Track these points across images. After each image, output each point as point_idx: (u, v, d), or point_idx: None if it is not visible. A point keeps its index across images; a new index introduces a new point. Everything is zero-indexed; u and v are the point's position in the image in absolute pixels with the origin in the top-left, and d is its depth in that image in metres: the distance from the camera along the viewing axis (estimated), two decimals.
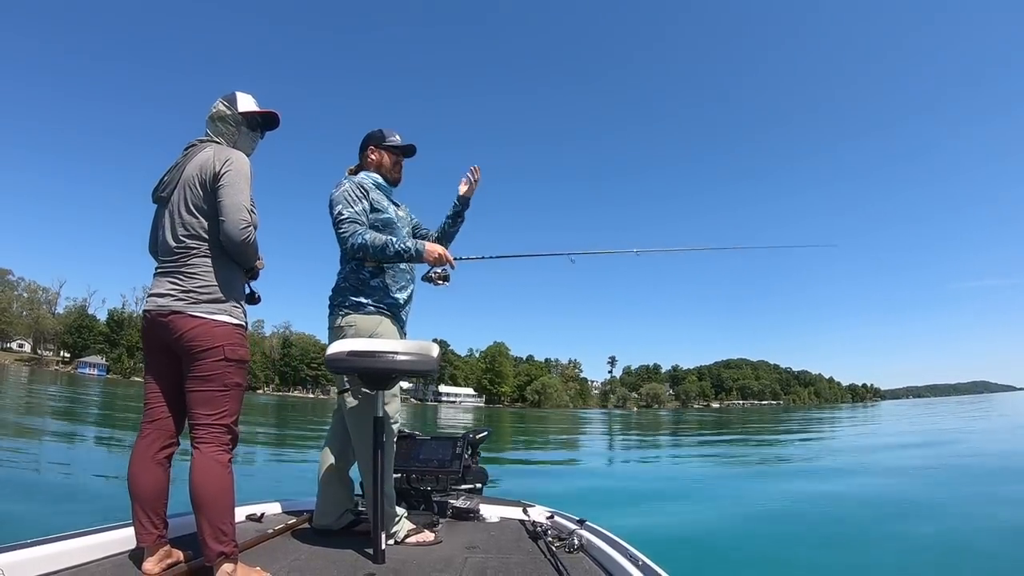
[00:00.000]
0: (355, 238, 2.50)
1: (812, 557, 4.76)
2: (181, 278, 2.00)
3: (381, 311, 2.60)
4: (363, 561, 2.15)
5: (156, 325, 1.99)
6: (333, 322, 2.61)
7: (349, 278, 2.62)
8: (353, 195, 2.60)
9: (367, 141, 2.85)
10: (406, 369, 2.26)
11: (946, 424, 25.19)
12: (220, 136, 2.18)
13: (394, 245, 2.52)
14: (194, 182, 2.04)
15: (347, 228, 2.52)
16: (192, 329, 1.95)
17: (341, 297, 2.62)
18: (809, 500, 7.27)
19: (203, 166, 2.04)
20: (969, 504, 6.63)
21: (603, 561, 2.11)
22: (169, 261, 2.04)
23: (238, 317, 2.06)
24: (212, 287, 2.01)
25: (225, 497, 1.89)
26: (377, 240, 2.51)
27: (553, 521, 2.74)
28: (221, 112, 2.19)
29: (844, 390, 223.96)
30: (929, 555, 4.71)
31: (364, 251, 2.51)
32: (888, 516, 6.15)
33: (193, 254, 2.02)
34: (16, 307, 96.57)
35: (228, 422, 1.98)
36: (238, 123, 2.21)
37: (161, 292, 2.00)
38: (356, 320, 2.55)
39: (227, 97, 2.21)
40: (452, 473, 3.06)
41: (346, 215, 2.54)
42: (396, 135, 2.86)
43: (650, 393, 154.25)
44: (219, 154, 2.06)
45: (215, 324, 1.98)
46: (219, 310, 2.00)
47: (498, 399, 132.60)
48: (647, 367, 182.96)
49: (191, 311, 1.96)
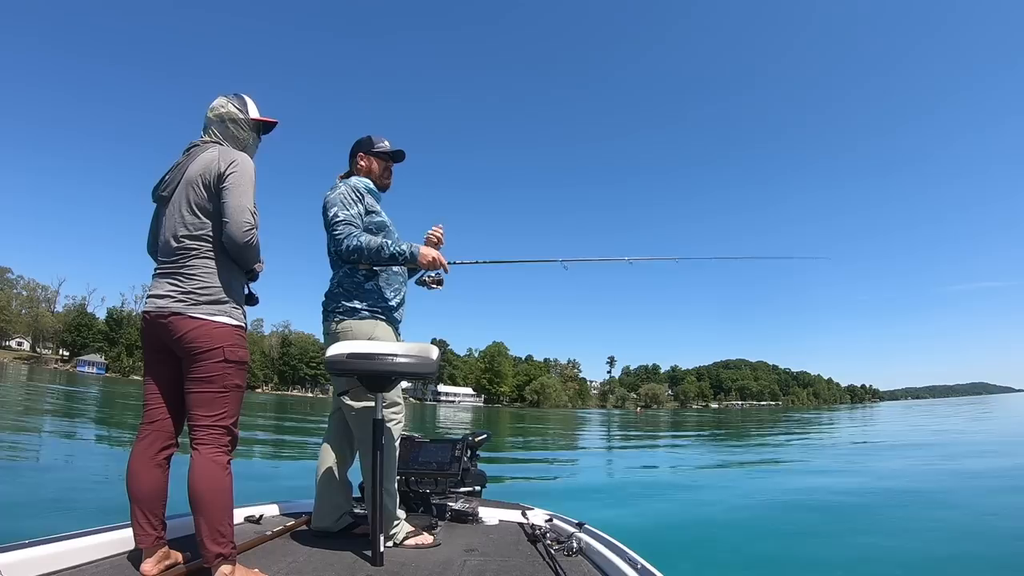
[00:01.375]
0: (350, 240, 2.49)
1: (814, 559, 4.76)
2: (181, 279, 1.99)
3: (376, 315, 2.60)
4: (361, 563, 2.15)
5: (156, 326, 1.98)
6: (328, 327, 2.60)
7: (343, 282, 2.61)
8: (349, 198, 2.60)
9: (356, 147, 2.86)
10: (406, 371, 2.26)
11: (945, 426, 25.20)
12: (227, 138, 2.17)
13: (389, 248, 2.51)
14: (197, 182, 2.02)
15: (342, 230, 2.51)
16: (192, 330, 1.94)
17: (335, 302, 2.60)
18: (811, 503, 7.25)
19: (207, 167, 2.03)
20: (963, 505, 6.64)
21: (602, 564, 2.11)
22: (169, 262, 2.03)
23: (238, 318, 2.06)
24: (212, 288, 2.01)
25: (224, 498, 1.89)
26: (372, 243, 2.50)
27: (552, 524, 2.75)
28: (233, 115, 2.18)
29: (843, 391, 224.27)
30: (926, 554, 4.71)
31: (359, 253, 2.50)
32: (889, 516, 6.15)
33: (194, 255, 2.01)
34: (15, 305, 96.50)
35: (228, 423, 1.98)
36: (250, 128, 2.22)
37: (160, 293, 1.99)
38: (351, 325, 2.54)
39: (237, 100, 2.21)
40: (451, 476, 3.07)
41: (341, 217, 2.53)
42: (385, 141, 2.86)
43: (649, 393, 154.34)
44: (224, 155, 2.05)
45: (215, 326, 1.98)
46: (219, 311, 2.00)
47: (497, 399, 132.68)
48: (646, 367, 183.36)
49: (191, 312, 1.95)
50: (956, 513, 6.30)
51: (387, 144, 2.86)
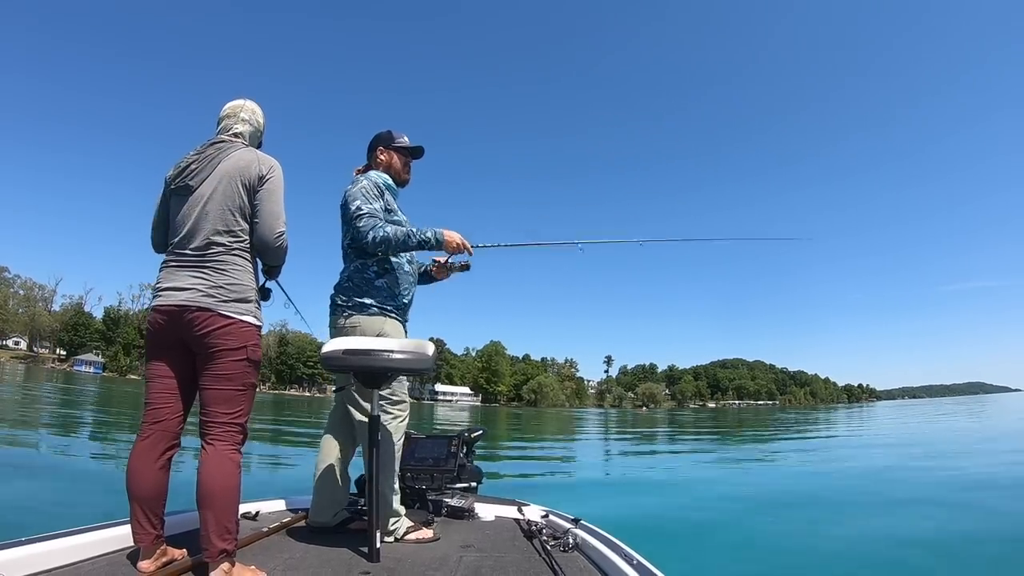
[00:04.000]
0: (376, 231, 2.48)
1: (810, 554, 4.77)
2: (209, 273, 1.98)
3: (385, 312, 2.60)
4: (358, 559, 2.16)
5: (175, 320, 1.96)
6: (336, 322, 2.59)
7: (353, 277, 2.61)
8: (372, 192, 2.61)
9: (376, 142, 2.85)
10: (401, 367, 2.27)
11: (942, 426, 25.27)
12: (252, 143, 2.23)
13: (416, 235, 2.52)
14: (236, 181, 2.04)
15: (367, 222, 2.51)
16: (221, 328, 1.95)
17: (345, 297, 2.60)
18: (807, 498, 7.29)
19: (247, 167, 2.06)
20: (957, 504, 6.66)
21: (598, 560, 2.13)
22: (195, 255, 2.00)
23: (260, 319, 2.09)
24: (241, 287, 2.02)
25: (234, 495, 1.90)
26: (399, 232, 2.50)
27: (548, 520, 2.76)
28: (263, 125, 2.30)
29: (840, 390, 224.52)
30: (926, 555, 4.73)
31: (386, 243, 2.49)
32: (891, 518, 6.16)
33: (225, 251, 2.02)
34: (12, 304, 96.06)
35: (242, 421, 2.00)
36: (260, 143, 2.32)
37: (182, 286, 1.96)
38: (361, 321, 2.54)
39: (262, 112, 2.31)
40: (447, 472, 3.08)
41: (365, 210, 2.53)
42: (404, 136, 2.87)
43: (646, 393, 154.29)
44: (263, 159, 2.12)
45: (243, 325, 2.00)
46: (247, 311, 2.02)
47: (494, 398, 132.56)
48: (643, 367, 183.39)
49: (221, 310, 1.96)
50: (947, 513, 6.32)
51: (407, 140, 2.86)
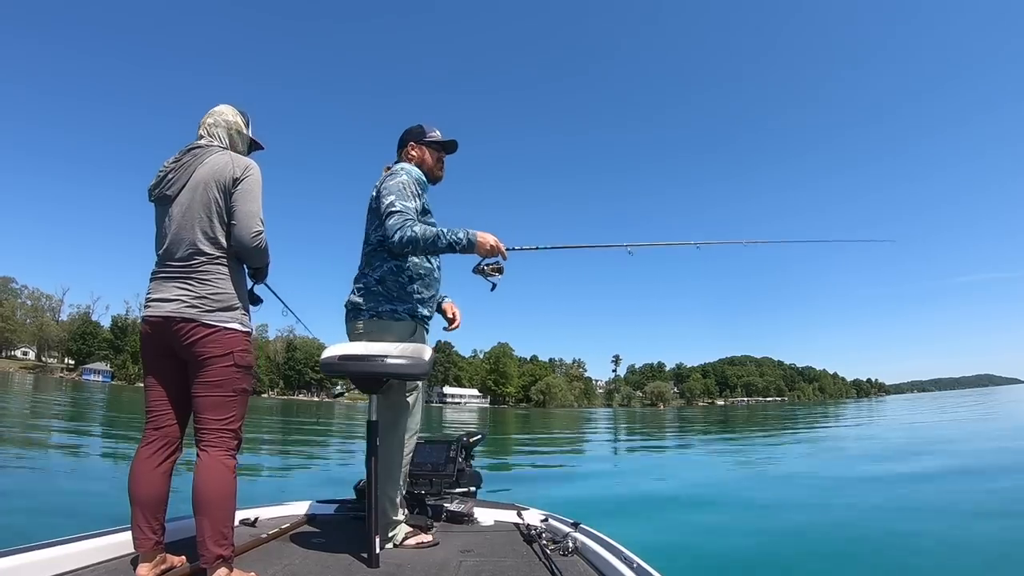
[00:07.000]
0: (405, 230, 2.35)
1: (810, 557, 4.71)
2: (193, 283, 1.99)
3: (416, 319, 2.53)
4: (357, 565, 2.15)
5: (162, 331, 1.98)
6: (359, 327, 2.48)
7: (386, 280, 2.50)
8: (409, 190, 2.48)
9: (407, 136, 2.74)
10: (397, 372, 2.26)
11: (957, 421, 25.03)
12: (229, 147, 2.21)
13: (446, 236, 2.37)
14: (211, 186, 2.03)
15: (397, 220, 2.37)
16: (205, 336, 1.96)
17: (373, 301, 2.49)
18: (813, 504, 7.11)
19: (221, 171, 2.05)
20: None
21: (598, 564, 2.12)
22: (178, 265, 2.02)
23: (247, 325, 2.09)
24: (225, 295, 2.02)
25: (229, 501, 1.91)
26: (428, 232, 2.36)
27: (547, 524, 2.75)
28: (240, 127, 2.25)
29: (849, 385, 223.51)
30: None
31: (414, 245, 2.37)
32: (895, 523, 6.07)
33: (206, 260, 2.02)
34: (20, 315, 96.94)
35: (235, 427, 2.01)
36: (244, 144, 2.29)
37: (167, 297, 1.98)
38: (390, 326, 2.46)
39: (243, 116, 2.29)
40: (446, 476, 3.08)
41: (398, 207, 2.39)
42: (436, 130, 2.75)
43: (654, 391, 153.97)
44: (237, 161, 2.09)
45: (228, 332, 2.00)
46: (231, 318, 2.02)
47: (503, 400, 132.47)
48: (651, 365, 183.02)
49: (205, 319, 1.97)
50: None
51: (439, 134, 2.75)
